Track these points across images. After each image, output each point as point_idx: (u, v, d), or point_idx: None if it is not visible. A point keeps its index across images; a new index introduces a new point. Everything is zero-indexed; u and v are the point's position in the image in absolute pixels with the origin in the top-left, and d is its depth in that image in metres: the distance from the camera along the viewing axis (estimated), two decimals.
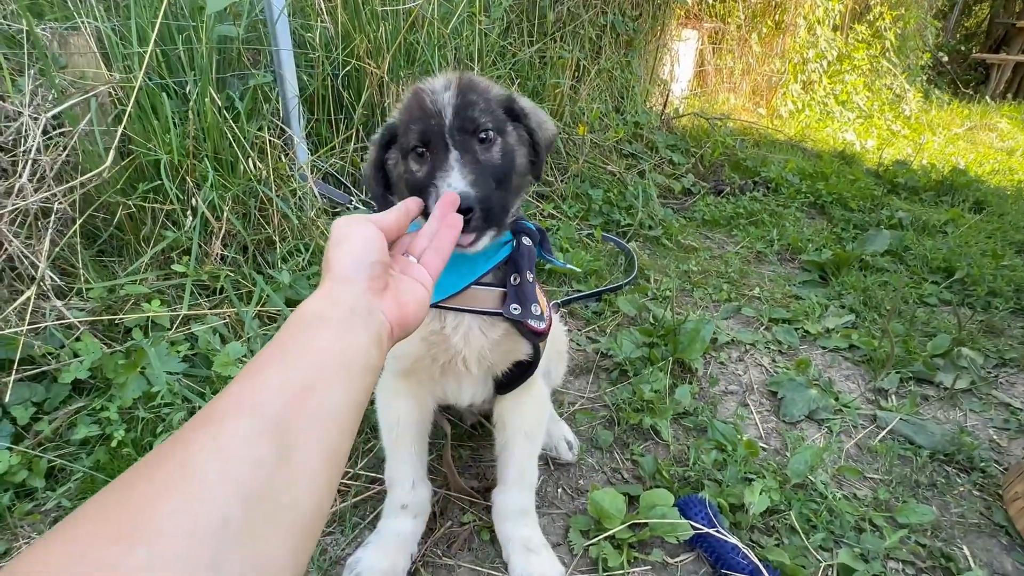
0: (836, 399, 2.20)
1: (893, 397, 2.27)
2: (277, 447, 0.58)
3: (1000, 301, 3.00)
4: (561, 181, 3.77)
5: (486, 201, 1.02)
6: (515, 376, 1.34)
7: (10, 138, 1.88)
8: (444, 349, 1.25)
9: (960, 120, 8.78)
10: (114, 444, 1.57)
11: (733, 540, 1.47)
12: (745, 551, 1.45)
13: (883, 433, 2.05)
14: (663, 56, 5.82)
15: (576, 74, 4.29)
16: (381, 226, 0.87)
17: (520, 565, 1.40)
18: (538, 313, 1.20)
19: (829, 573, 1.51)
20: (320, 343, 0.69)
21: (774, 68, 7.33)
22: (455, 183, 1.00)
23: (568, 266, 1.54)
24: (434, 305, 1.17)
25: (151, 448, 1.57)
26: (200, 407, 1.64)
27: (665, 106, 5.30)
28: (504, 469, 1.45)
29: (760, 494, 1.64)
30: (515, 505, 1.44)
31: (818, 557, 1.54)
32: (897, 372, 2.37)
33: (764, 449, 1.95)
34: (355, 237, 0.83)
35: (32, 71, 2.07)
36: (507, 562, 1.44)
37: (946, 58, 10.79)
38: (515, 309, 1.18)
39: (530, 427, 1.42)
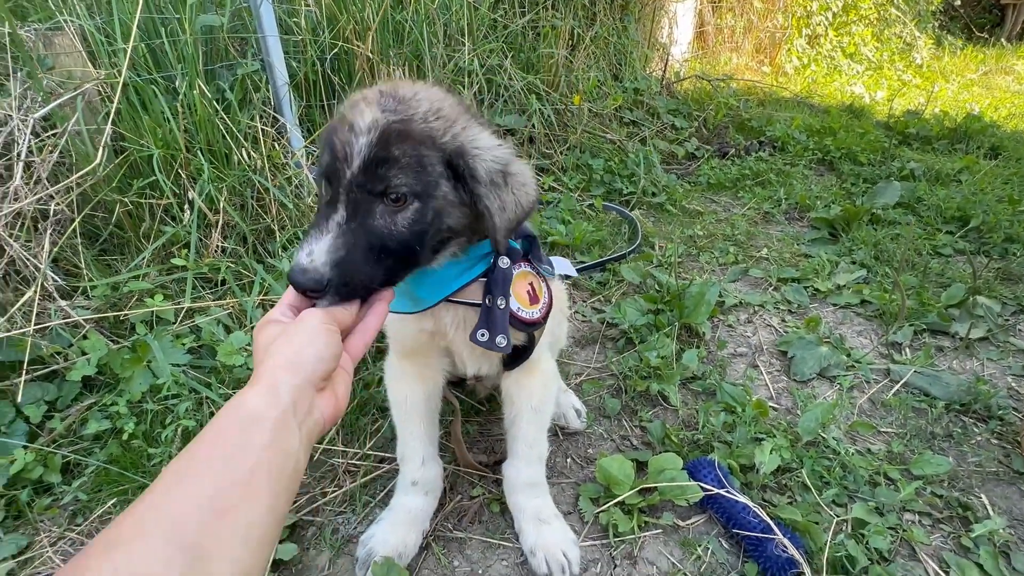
0: (848, 355, 2.17)
1: (907, 350, 2.23)
2: (188, 570, 0.57)
3: (1017, 247, 2.92)
4: (560, 153, 3.71)
5: (349, 280, 0.90)
6: (515, 355, 1.31)
7: (1, 142, 1.88)
8: (441, 338, 1.25)
9: (975, 65, 8.49)
10: (125, 437, 1.59)
11: (743, 500, 1.46)
12: (756, 510, 1.44)
13: (897, 386, 2.02)
14: (661, 19, 5.67)
15: (570, 43, 4.19)
16: (340, 324, 0.87)
17: (532, 535, 1.41)
18: (503, 341, 1.11)
19: (844, 528, 1.50)
20: (251, 453, 0.67)
21: (777, 24, 7.12)
22: (315, 254, 0.88)
23: (559, 275, 1.41)
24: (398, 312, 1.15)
25: (161, 440, 1.59)
26: (207, 397, 1.66)
27: (665, 70, 5.18)
28: (513, 443, 1.44)
29: (770, 453, 1.63)
30: (525, 477, 1.44)
31: (831, 513, 1.52)
32: (911, 325, 2.32)
33: (775, 409, 1.93)
34: (317, 331, 0.82)
35: (19, 74, 2.07)
36: (519, 533, 1.45)
37: (959, 1, 10.39)
38: (482, 336, 1.12)
39: (538, 401, 1.40)
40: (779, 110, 5.41)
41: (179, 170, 2.25)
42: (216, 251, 2.23)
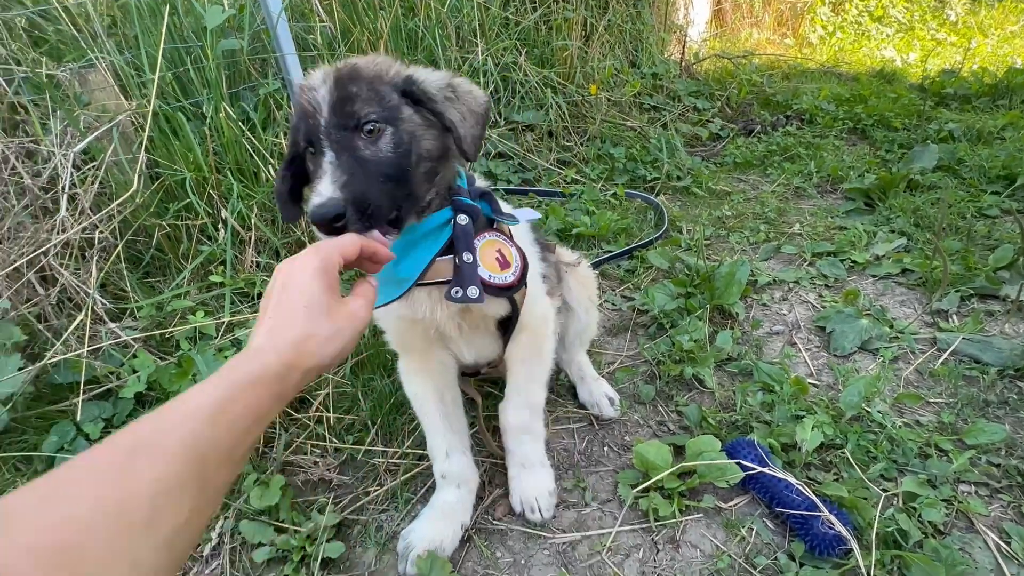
0: (891, 327, 2.10)
1: (954, 317, 2.14)
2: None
3: None
4: (581, 144, 3.70)
5: (363, 200, 0.95)
6: (505, 324, 1.36)
7: (47, 178, 1.99)
8: (425, 324, 1.28)
9: (1015, 16, 8.05)
10: None
11: (786, 477, 1.43)
12: (800, 487, 1.41)
13: (945, 355, 1.94)
14: (675, 1, 5.59)
15: (584, 34, 4.17)
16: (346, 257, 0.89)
17: (515, 478, 1.52)
18: (474, 292, 1.13)
19: (894, 502, 1.45)
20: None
21: None
22: (323, 190, 0.93)
23: (523, 220, 1.43)
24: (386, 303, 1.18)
25: None
26: None
27: (683, 53, 5.10)
28: (507, 388, 1.51)
29: (812, 430, 1.59)
30: (515, 420, 1.49)
31: (880, 489, 1.48)
32: (956, 291, 2.23)
33: (815, 386, 1.88)
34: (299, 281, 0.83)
35: (59, 112, 2.19)
36: (508, 473, 1.55)
37: None
38: (455, 293, 1.14)
39: (525, 354, 1.44)
40: (805, 82, 5.26)
41: (211, 191, 2.33)
42: (251, 266, 2.31)
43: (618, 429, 1.79)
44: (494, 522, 1.51)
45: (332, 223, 0.92)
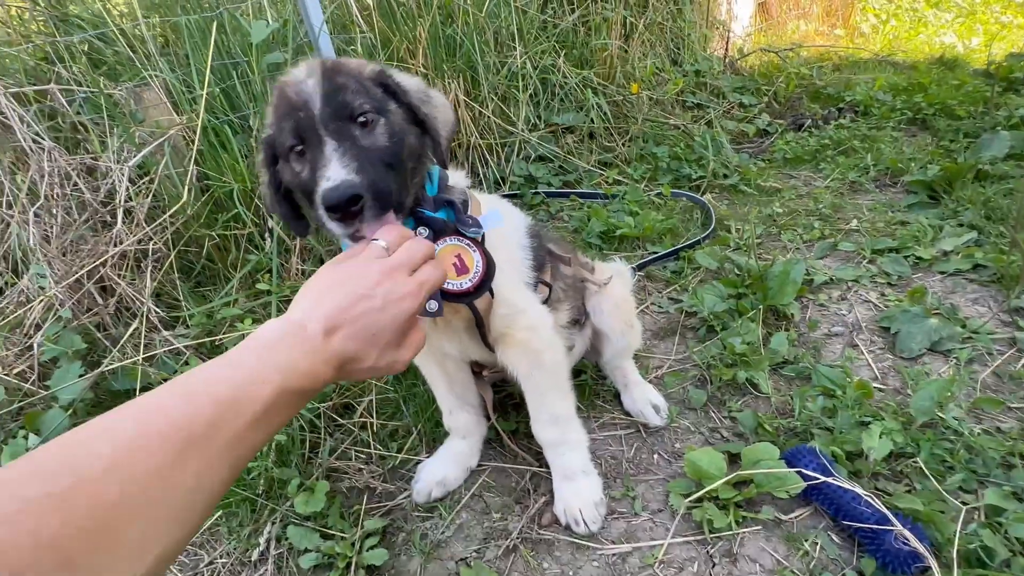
0: (963, 326, 1.95)
1: None
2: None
3: None
4: (623, 145, 3.63)
5: (376, 185, 0.93)
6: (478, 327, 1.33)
7: (105, 192, 2.07)
8: None
9: None
10: None
11: (854, 488, 1.33)
12: (869, 499, 1.31)
13: None
14: None
15: (624, 33, 4.11)
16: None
17: (558, 489, 1.50)
18: (433, 305, 1.05)
19: (976, 516, 1.33)
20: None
21: None
22: (334, 174, 0.90)
23: (487, 228, 1.35)
24: None
25: (258, 452, 1.68)
26: None
27: (727, 48, 4.96)
28: (528, 406, 1.49)
29: (880, 437, 1.48)
30: (546, 435, 1.49)
31: (960, 502, 1.36)
32: None
33: (880, 390, 1.76)
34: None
35: (116, 130, 2.29)
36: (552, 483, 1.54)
37: None
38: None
39: (525, 371, 1.40)
40: (858, 73, 5.03)
41: (257, 201, 2.39)
42: (296, 273, 2.35)
43: (668, 436, 1.72)
44: (540, 531, 1.47)
45: (349, 206, 0.90)
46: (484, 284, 1.16)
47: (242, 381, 0.70)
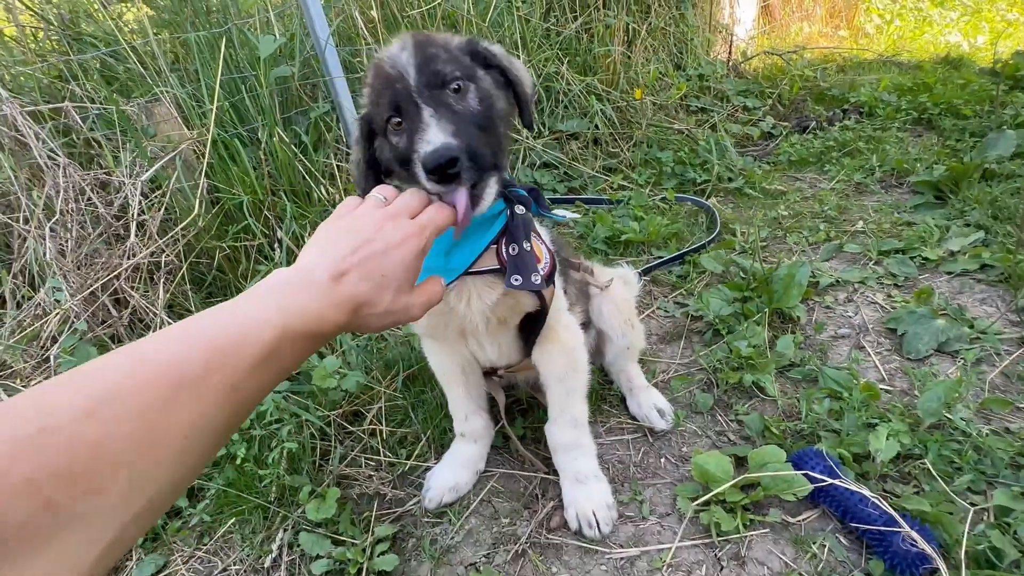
0: (971, 326, 1.94)
1: None
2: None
3: None
4: (627, 150, 3.65)
5: (472, 148, 0.96)
6: (530, 325, 1.37)
7: (118, 206, 2.12)
8: (452, 317, 1.29)
9: None
10: (238, 461, 1.72)
11: (861, 490, 1.33)
12: (876, 501, 1.31)
13: None
14: (720, 0, 5.46)
15: (626, 39, 4.13)
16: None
17: (569, 493, 1.51)
18: (537, 279, 1.15)
19: (984, 517, 1.33)
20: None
21: None
22: (433, 138, 0.93)
23: (567, 217, 1.48)
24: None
25: (268, 462, 1.70)
26: (306, 420, 1.76)
27: (731, 52, 4.97)
28: (549, 408, 1.53)
29: (887, 439, 1.48)
30: (561, 439, 1.52)
31: (968, 503, 1.36)
32: None
33: (887, 392, 1.76)
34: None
35: (128, 145, 2.34)
36: (561, 489, 1.54)
37: None
38: (515, 280, 1.15)
39: (560, 371, 1.45)
40: (863, 74, 5.03)
41: (266, 213, 2.43)
42: None
43: (675, 440, 1.73)
44: (548, 536, 1.48)
45: (447, 168, 0.93)
46: (552, 275, 1.25)
47: (242, 323, 0.68)
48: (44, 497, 0.48)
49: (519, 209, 1.19)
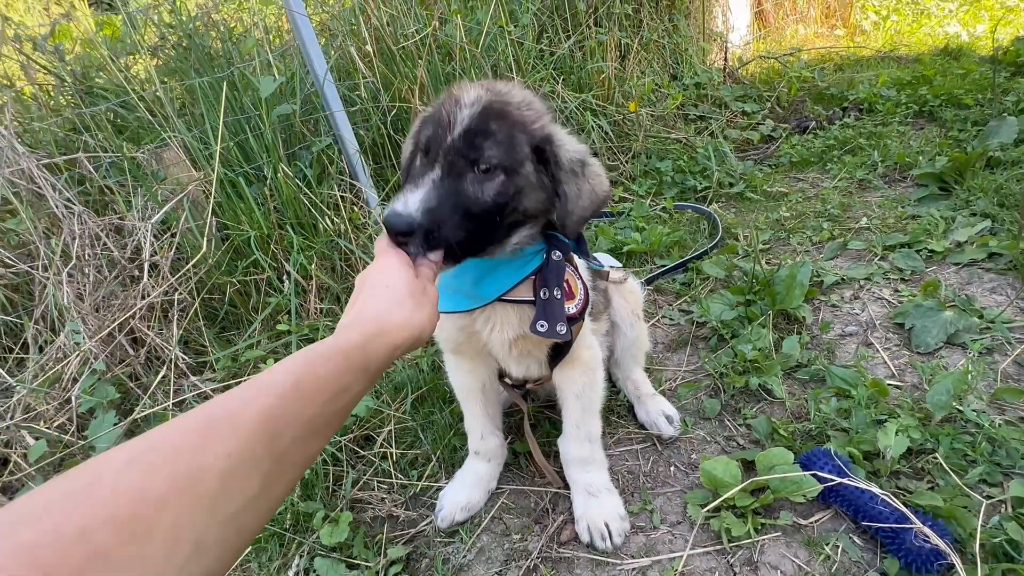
0: (980, 316, 1.92)
1: None
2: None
3: None
4: (626, 162, 3.68)
5: (436, 230, 0.98)
6: (557, 352, 1.39)
7: (131, 249, 2.19)
8: (476, 338, 1.33)
9: None
10: None
11: (871, 488, 1.32)
12: (887, 498, 1.30)
13: None
14: (712, 8, 5.52)
15: (620, 54, 4.19)
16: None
17: (581, 506, 1.52)
18: (562, 329, 1.18)
19: (1000, 509, 1.31)
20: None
21: None
22: (407, 202, 0.98)
23: (606, 267, 1.55)
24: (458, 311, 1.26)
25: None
26: None
27: (726, 59, 5.00)
28: (565, 423, 1.55)
29: (896, 435, 1.47)
30: (575, 453, 1.53)
31: (983, 496, 1.34)
32: None
33: (898, 387, 1.74)
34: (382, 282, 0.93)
35: (140, 190, 2.43)
36: (572, 502, 1.55)
37: None
38: (541, 327, 1.18)
39: (579, 389, 1.47)
40: (861, 71, 5.02)
41: (274, 247, 2.49)
42: (315, 313, 2.43)
43: (684, 447, 1.72)
44: (559, 550, 1.48)
45: (398, 235, 0.98)
46: (584, 310, 1.29)
47: (269, 372, 0.73)
48: (95, 547, 0.50)
49: (555, 255, 1.21)
